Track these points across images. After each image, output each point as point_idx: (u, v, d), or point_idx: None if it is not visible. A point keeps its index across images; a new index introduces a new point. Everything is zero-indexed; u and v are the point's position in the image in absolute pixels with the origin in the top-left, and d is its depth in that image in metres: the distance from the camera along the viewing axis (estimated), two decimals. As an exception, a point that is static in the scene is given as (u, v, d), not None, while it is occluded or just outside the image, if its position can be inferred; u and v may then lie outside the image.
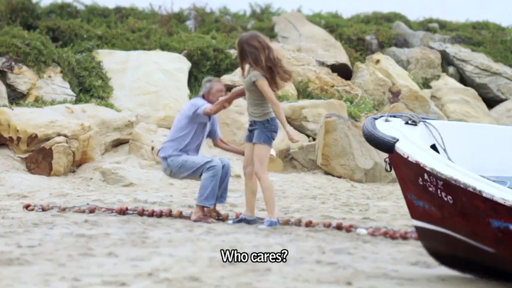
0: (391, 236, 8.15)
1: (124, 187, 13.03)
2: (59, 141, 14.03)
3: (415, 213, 6.08)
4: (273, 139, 9.16)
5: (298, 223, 8.99)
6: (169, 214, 9.56)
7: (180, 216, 9.47)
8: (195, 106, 9.63)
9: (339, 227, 8.69)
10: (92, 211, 9.81)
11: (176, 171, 9.62)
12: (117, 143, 15.62)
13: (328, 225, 8.83)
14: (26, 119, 14.32)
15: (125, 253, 6.61)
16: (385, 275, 5.99)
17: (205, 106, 9.56)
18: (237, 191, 13.06)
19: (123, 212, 9.71)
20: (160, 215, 9.54)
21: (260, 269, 5.98)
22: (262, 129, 9.04)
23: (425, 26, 23.69)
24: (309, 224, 8.90)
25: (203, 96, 9.75)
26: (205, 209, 9.37)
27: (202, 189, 9.39)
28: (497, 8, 29.43)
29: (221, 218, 9.42)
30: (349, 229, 8.57)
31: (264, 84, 8.96)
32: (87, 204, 10.45)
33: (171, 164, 9.59)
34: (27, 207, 10.09)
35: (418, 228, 6.15)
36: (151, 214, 9.58)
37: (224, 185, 9.64)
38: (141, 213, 9.63)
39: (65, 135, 14.15)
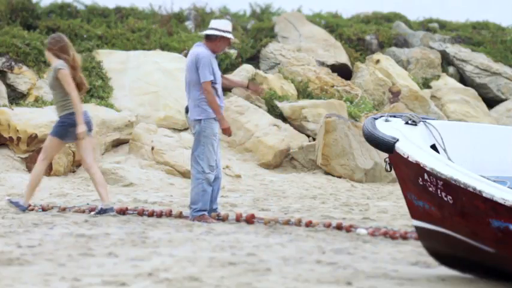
0: (391, 236, 8.15)
1: (124, 187, 13.03)
2: (59, 141, 14.03)
3: (415, 213, 6.08)
4: (70, 133, 9.46)
5: (298, 223, 9.00)
6: (170, 214, 9.55)
7: (180, 216, 9.47)
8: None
9: (339, 227, 8.69)
10: (92, 211, 9.80)
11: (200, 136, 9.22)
12: (117, 143, 15.62)
13: (328, 225, 8.83)
14: (26, 119, 14.32)
15: (125, 253, 6.61)
16: (385, 275, 5.99)
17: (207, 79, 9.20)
18: (237, 191, 13.07)
19: (123, 212, 9.71)
20: (160, 215, 9.54)
21: (260, 269, 5.98)
22: (59, 123, 9.48)
23: (425, 26, 23.69)
24: (308, 224, 8.91)
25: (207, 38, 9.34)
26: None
27: (194, 204, 9.23)
28: (497, 8, 29.44)
29: (221, 218, 9.42)
30: (349, 229, 8.57)
31: (68, 75, 9.28)
32: (87, 204, 10.45)
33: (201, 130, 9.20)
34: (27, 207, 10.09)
35: (418, 228, 6.15)
36: (151, 214, 9.58)
37: (214, 197, 9.51)
38: (141, 213, 9.63)
39: (65, 135, 14.15)
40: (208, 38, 9.36)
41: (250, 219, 9.19)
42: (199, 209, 9.19)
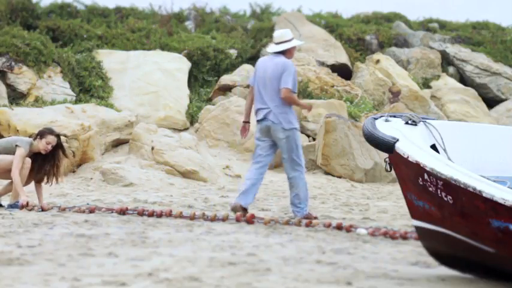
0: (391, 236, 8.15)
1: (124, 187, 13.02)
2: (59, 141, 14.02)
3: (415, 213, 6.08)
4: None
5: (298, 223, 9.00)
6: (170, 214, 9.55)
7: (181, 216, 9.46)
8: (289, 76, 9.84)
9: (339, 227, 8.68)
10: (91, 211, 9.80)
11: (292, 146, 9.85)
12: (117, 143, 15.62)
13: (328, 225, 8.82)
14: (26, 119, 14.31)
15: (124, 253, 6.60)
16: (385, 275, 5.99)
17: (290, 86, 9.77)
18: (237, 191, 13.05)
19: (123, 212, 9.70)
20: (160, 215, 9.53)
21: (260, 269, 5.98)
22: None
23: (425, 26, 23.70)
24: (308, 224, 8.90)
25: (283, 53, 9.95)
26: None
27: (305, 201, 9.72)
28: (497, 8, 29.45)
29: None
30: (349, 229, 8.56)
31: (22, 154, 10.19)
32: (87, 204, 10.45)
33: (291, 137, 9.80)
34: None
35: (418, 228, 6.14)
36: (152, 214, 9.57)
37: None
38: (141, 213, 9.62)
39: (65, 135, 14.14)
40: (282, 51, 9.97)
41: (250, 220, 9.19)
42: (306, 206, 9.75)
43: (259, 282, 5.51)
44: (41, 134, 10.41)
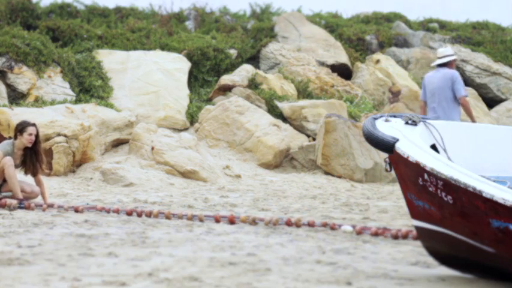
0: (381, 234, 8.11)
1: (124, 187, 13.02)
2: (59, 141, 14.03)
3: (415, 213, 6.08)
4: None
5: (276, 222, 8.82)
6: (169, 218, 9.51)
7: (181, 217, 9.45)
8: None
9: (323, 225, 8.67)
10: (77, 211, 9.72)
11: None
12: (117, 143, 15.62)
13: (314, 225, 8.73)
14: (25, 119, 14.30)
15: (124, 253, 6.61)
16: (385, 275, 5.99)
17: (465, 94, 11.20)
18: (237, 191, 13.06)
19: (128, 213, 9.64)
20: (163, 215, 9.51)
21: (260, 269, 5.98)
22: None
23: (425, 26, 23.70)
24: (289, 223, 8.76)
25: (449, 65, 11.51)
26: None
27: None
28: (497, 8, 29.45)
29: None
30: (333, 227, 8.55)
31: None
32: (87, 204, 10.44)
33: None
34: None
35: (418, 228, 6.14)
36: (150, 215, 9.54)
37: None
38: (141, 214, 9.61)
39: (65, 135, 14.15)
40: (445, 63, 11.40)
41: (231, 219, 9.05)
42: None
43: (259, 282, 5.51)
44: (20, 130, 10.65)
